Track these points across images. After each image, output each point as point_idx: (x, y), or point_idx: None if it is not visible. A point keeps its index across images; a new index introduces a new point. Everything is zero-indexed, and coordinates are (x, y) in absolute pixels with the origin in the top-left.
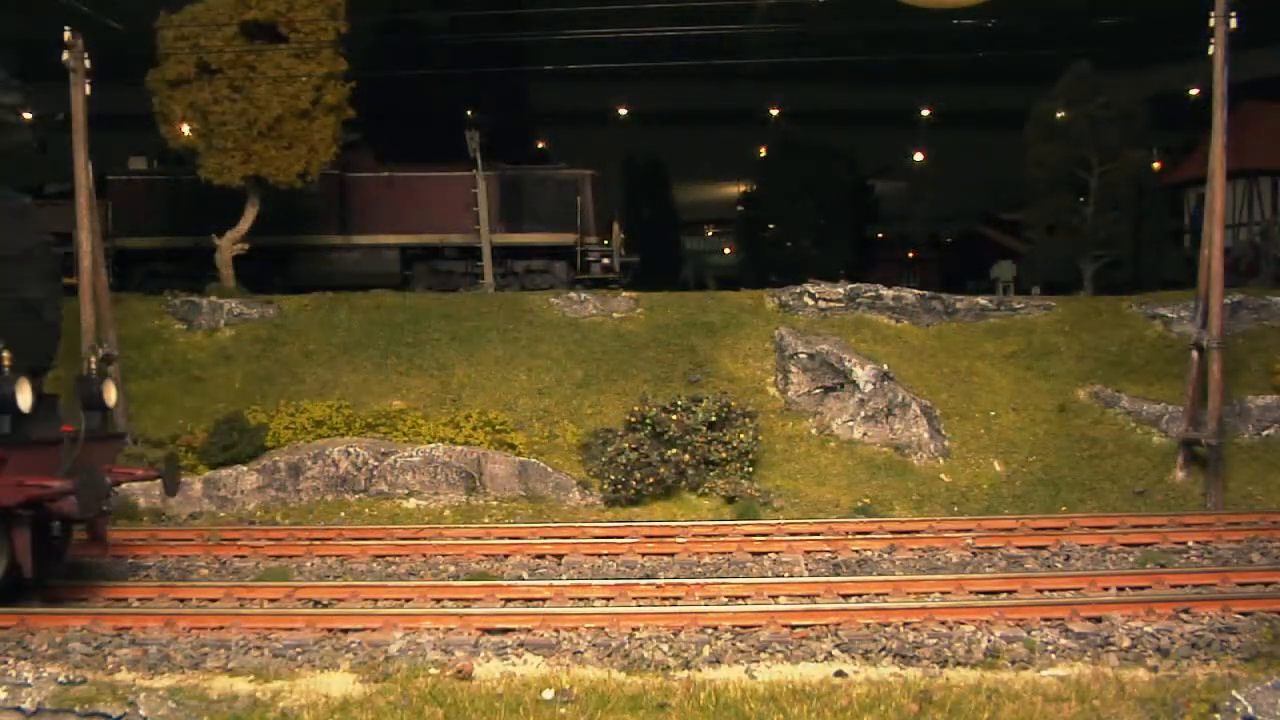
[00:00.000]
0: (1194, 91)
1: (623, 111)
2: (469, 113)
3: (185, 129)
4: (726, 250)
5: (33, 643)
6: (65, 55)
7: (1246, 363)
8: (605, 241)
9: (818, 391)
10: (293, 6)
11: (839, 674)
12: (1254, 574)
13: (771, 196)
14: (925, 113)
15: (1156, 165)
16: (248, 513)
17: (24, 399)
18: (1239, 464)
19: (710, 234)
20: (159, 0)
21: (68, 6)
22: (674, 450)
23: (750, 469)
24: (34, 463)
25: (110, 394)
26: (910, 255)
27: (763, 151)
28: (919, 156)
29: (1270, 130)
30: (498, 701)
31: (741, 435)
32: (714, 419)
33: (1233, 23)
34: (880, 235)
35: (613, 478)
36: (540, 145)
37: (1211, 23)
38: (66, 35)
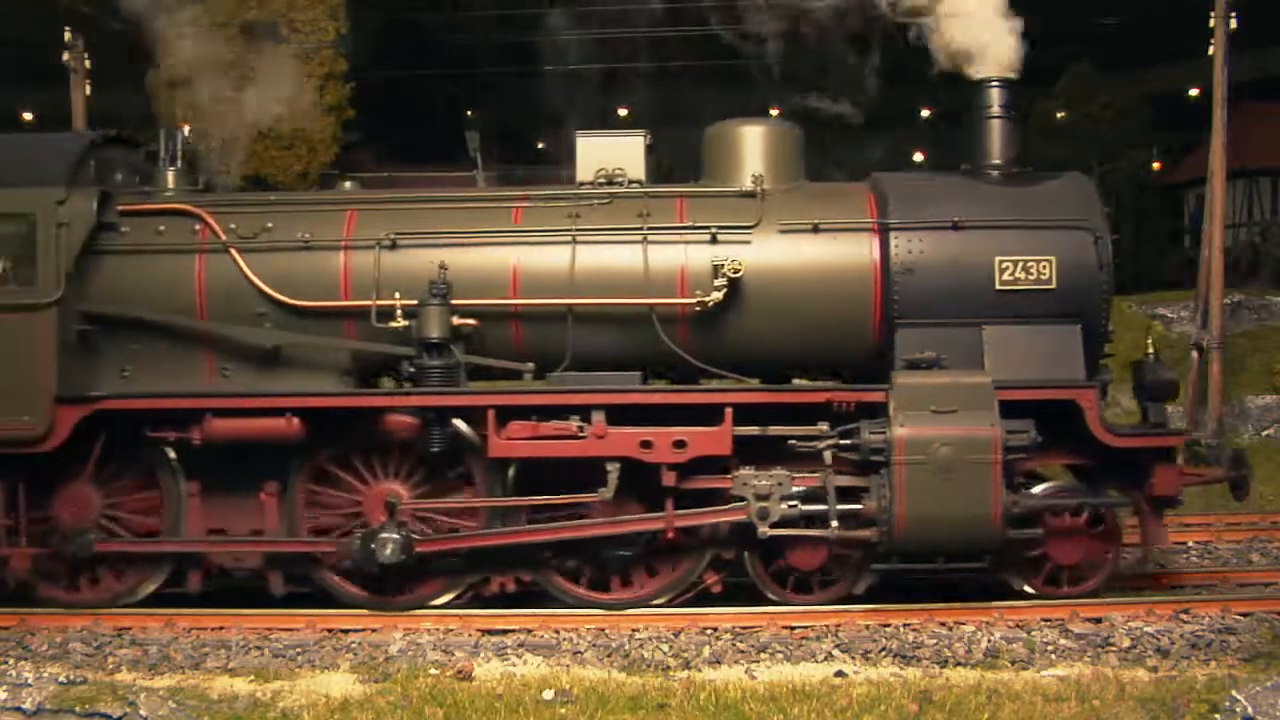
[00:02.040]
0: (1194, 91)
1: (623, 112)
2: (469, 113)
3: (185, 129)
4: None
5: (33, 643)
6: (65, 56)
7: (1246, 363)
8: None
9: None
10: (293, 6)
11: (839, 674)
12: (1254, 574)
13: None
14: (925, 113)
15: (1156, 165)
16: None
17: None
18: None
19: None
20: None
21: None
22: None
23: None
24: None
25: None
26: None
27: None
28: (919, 156)
29: (1270, 130)
30: (498, 702)
31: None
32: None
33: (1233, 23)
34: None
35: None
36: (540, 145)
37: (1211, 23)
38: (67, 35)
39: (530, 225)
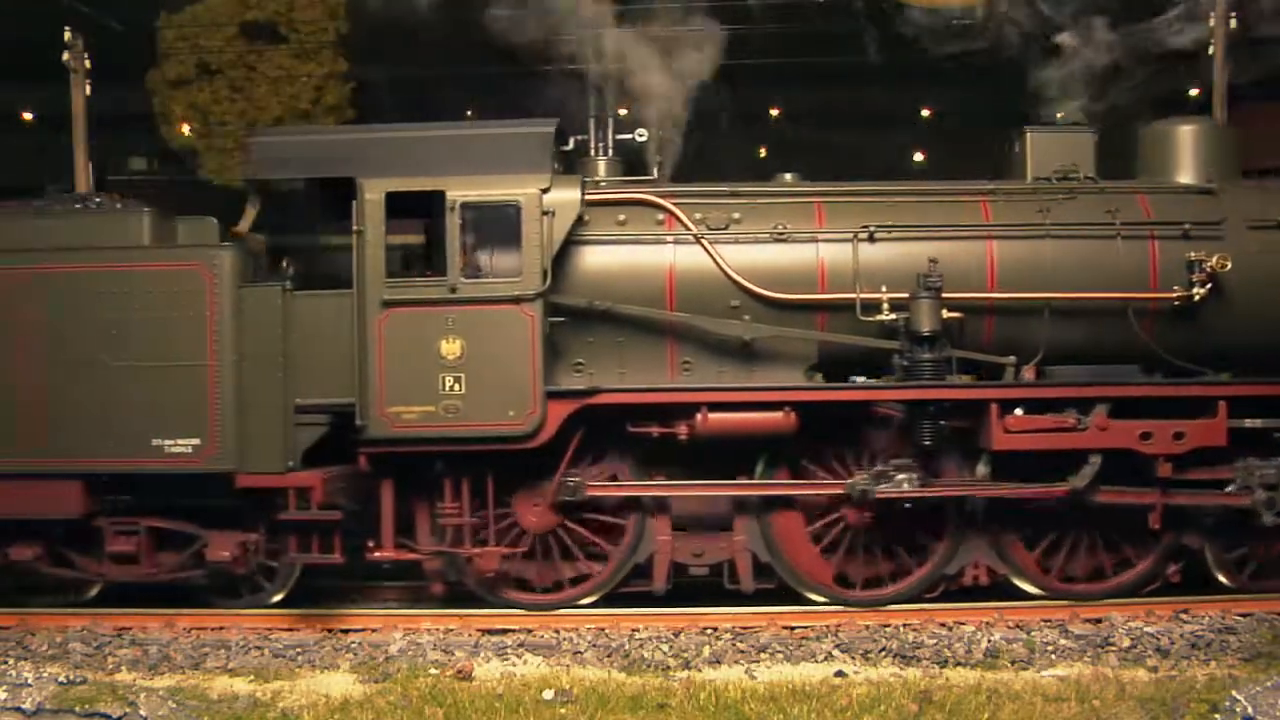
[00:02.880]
0: (1194, 91)
1: (623, 111)
2: (468, 113)
3: (185, 129)
4: None
5: (33, 643)
6: (65, 55)
7: None
8: None
9: None
10: (293, 6)
11: (839, 674)
12: None
13: None
14: (925, 113)
15: None
16: None
17: None
18: None
19: None
20: (159, 0)
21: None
22: None
23: None
24: None
25: None
26: None
27: (762, 152)
28: (919, 156)
29: (1271, 130)
30: (498, 702)
31: None
32: None
33: (1233, 23)
34: None
35: None
36: None
37: (1211, 22)
38: (67, 35)
39: (1002, 219)
